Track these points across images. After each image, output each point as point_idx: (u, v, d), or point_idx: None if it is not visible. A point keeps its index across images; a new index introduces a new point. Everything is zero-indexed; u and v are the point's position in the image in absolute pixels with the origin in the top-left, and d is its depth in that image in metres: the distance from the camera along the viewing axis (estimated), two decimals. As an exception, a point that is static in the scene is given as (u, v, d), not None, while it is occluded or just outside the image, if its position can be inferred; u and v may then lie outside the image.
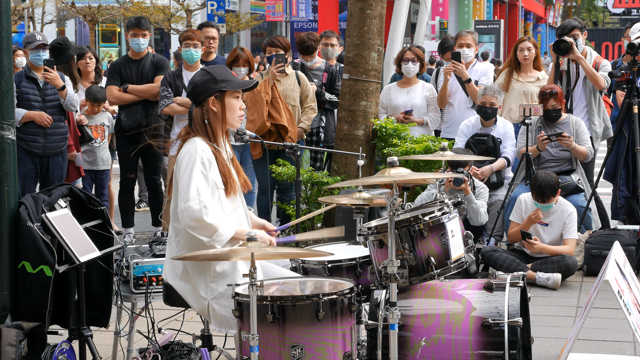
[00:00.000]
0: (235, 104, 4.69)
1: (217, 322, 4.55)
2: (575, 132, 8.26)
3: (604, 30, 43.02)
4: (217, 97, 4.64)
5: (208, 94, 4.63)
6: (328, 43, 10.14)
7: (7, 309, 4.80)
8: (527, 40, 9.20)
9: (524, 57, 8.97)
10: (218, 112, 4.66)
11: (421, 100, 9.13)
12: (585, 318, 4.82)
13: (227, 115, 4.67)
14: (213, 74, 4.65)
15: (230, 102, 4.68)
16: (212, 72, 4.67)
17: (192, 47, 8.45)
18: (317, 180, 8.57)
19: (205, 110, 4.64)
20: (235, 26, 31.22)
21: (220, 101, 4.65)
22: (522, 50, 9.00)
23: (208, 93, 4.63)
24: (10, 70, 4.91)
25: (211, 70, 4.69)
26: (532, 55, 9.00)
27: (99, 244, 5.07)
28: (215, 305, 4.52)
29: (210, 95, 4.63)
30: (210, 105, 4.64)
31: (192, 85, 4.68)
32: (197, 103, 4.66)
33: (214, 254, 4.25)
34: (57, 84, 8.07)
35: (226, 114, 4.67)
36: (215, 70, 4.69)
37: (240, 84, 4.72)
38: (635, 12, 45.05)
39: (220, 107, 4.65)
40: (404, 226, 4.42)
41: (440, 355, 4.35)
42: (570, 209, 7.54)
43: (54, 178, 8.18)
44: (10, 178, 4.87)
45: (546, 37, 57.61)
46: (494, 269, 7.42)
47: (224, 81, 4.64)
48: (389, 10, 12.10)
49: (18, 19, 28.90)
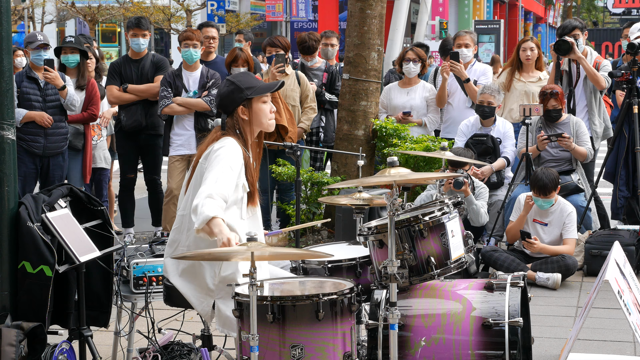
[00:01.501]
0: (264, 108, 4.68)
1: (220, 322, 4.55)
2: (575, 132, 8.26)
3: (604, 30, 43.05)
4: (245, 105, 4.64)
5: (236, 104, 4.62)
6: (328, 43, 10.15)
7: (7, 309, 4.79)
8: (530, 40, 9.20)
9: (526, 57, 8.98)
10: (249, 119, 4.65)
11: (421, 100, 9.13)
12: (585, 318, 4.82)
13: (257, 120, 4.67)
14: (237, 83, 4.63)
15: (259, 107, 4.66)
16: (236, 80, 4.65)
17: (192, 47, 8.45)
18: (317, 180, 8.57)
19: (236, 120, 4.63)
20: (235, 26, 31.21)
21: (249, 109, 4.65)
22: (524, 50, 9.00)
23: (236, 103, 4.62)
24: (10, 70, 4.91)
25: (234, 79, 4.68)
26: (534, 56, 9.01)
27: (99, 244, 5.07)
28: (221, 305, 4.52)
29: (238, 105, 4.62)
30: (240, 114, 4.63)
31: (219, 98, 4.68)
32: (228, 113, 4.65)
33: (213, 254, 4.25)
34: (57, 84, 8.07)
35: (256, 119, 4.67)
36: (240, 79, 4.67)
37: (266, 88, 4.70)
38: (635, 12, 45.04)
39: (249, 114, 4.65)
40: (404, 226, 4.42)
41: (441, 355, 4.35)
42: (569, 209, 7.54)
43: (54, 178, 8.18)
44: (10, 178, 4.87)
45: (546, 37, 57.60)
46: (494, 269, 7.42)
47: (249, 88, 4.62)
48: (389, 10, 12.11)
49: (18, 19, 28.91)
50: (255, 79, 4.74)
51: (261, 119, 4.68)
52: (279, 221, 9.20)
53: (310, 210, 8.70)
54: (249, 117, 4.65)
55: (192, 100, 8.38)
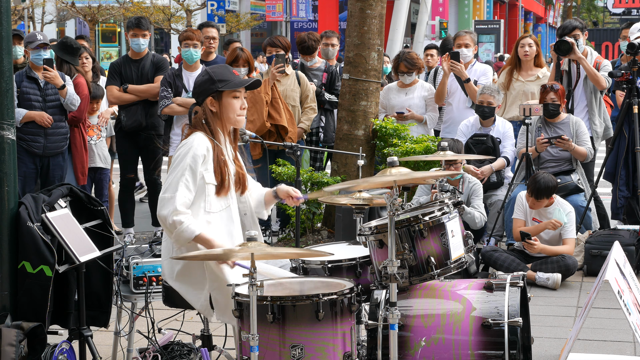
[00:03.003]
0: (234, 103, 4.70)
1: (219, 313, 4.55)
2: (575, 132, 8.25)
3: (604, 30, 42.99)
4: (215, 97, 4.68)
5: (206, 94, 4.68)
6: (328, 43, 10.15)
7: (7, 309, 4.79)
8: (529, 37, 9.20)
9: (524, 53, 8.97)
10: (217, 112, 4.69)
11: (419, 100, 9.13)
12: (585, 318, 4.82)
13: (225, 114, 4.70)
14: (211, 74, 4.69)
15: (229, 102, 4.69)
16: (211, 72, 4.71)
17: (192, 47, 8.45)
18: (317, 180, 8.57)
19: (204, 110, 4.69)
20: (235, 26, 31.22)
21: (218, 101, 4.68)
22: (522, 47, 8.99)
23: (206, 93, 4.68)
24: (11, 70, 4.91)
25: (210, 70, 4.73)
26: (532, 52, 9.00)
27: (99, 244, 5.07)
28: (217, 295, 4.52)
29: (208, 96, 4.68)
30: (209, 105, 4.68)
31: (194, 86, 4.78)
32: (198, 103, 4.73)
33: (213, 254, 4.25)
34: (57, 83, 8.07)
35: (225, 113, 4.69)
36: (215, 70, 4.72)
37: (238, 83, 4.72)
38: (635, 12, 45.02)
39: (218, 107, 4.69)
40: (404, 226, 4.42)
41: (440, 355, 4.35)
42: (568, 209, 7.54)
43: (54, 178, 8.17)
44: (10, 178, 4.87)
45: (546, 37, 57.60)
46: (494, 269, 7.42)
47: (222, 81, 4.67)
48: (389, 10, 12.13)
49: (18, 19, 28.89)
50: (231, 73, 4.77)
51: (229, 114, 4.70)
52: (279, 221, 9.20)
53: (310, 210, 8.70)
54: (217, 110, 4.69)
55: (192, 100, 8.37)
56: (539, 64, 9.10)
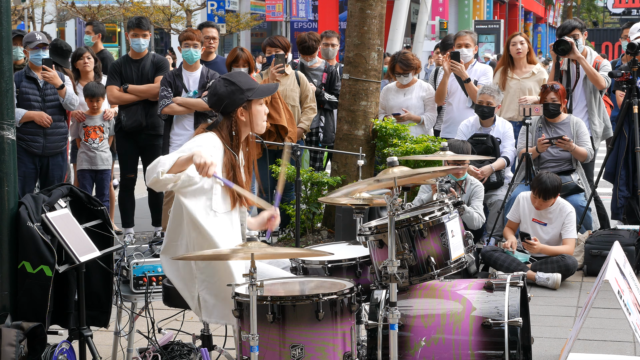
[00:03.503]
0: (261, 110, 4.66)
1: (207, 313, 4.54)
2: (575, 132, 8.25)
3: (604, 30, 43.00)
4: (245, 107, 4.60)
5: (236, 105, 4.58)
6: (328, 43, 10.14)
7: (7, 309, 4.79)
8: (519, 34, 9.20)
9: (517, 50, 8.97)
10: (246, 121, 4.62)
11: (417, 100, 9.13)
12: (585, 318, 4.82)
13: (255, 122, 4.64)
14: (238, 84, 4.58)
15: (257, 110, 4.64)
16: (236, 81, 4.59)
17: (192, 47, 8.44)
18: (317, 180, 8.57)
19: (234, 122, 4.59)
20: (235, 26, 31.22)
21: (248, 110, 4.61)
22: (514, 45, 8.99)
23: (236, 104, 4.57)
24: (10, 70, 4.92)
25: (234, 79, 4.61)
26: (525, 49, 9.00)
27: (99, 244, 5.07)
28: (205, 295, 4.51)
29: (239, 106, 4.58)
30: (239, 116, 4.59)
31: (217, 97, 4.59)
32: (225, 114, 4.60)
33: (213, 254, 4.25)
34: (56, 83, 8.07)
35: (254, 121, 4.63)
36: (239, 79, 4.61)
37: (266, 91, 4.70)
38: (635, 12, 45.03)
39: (248, 116, 4.61)
40: (404, 226, 4.42)
41: (440, 355, 4.35)
42: (568, 209, 7.54)
43: (54, 178, 8.17)
44: (10, 178, 4.87)
45: (546, 37, 57.62)
46: (494, 269, 7.42)
47: (250, 90, 4.58)
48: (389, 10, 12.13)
49: (18, 19, 28.88)
50: (253, 80, 4.71)
51: (257, 121, 4.64)
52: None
53: (310, 210, 8.70)
54: (247, 119, 4.62)
55: (192, 100, 8.37)
56: (532, 60, 9.09)
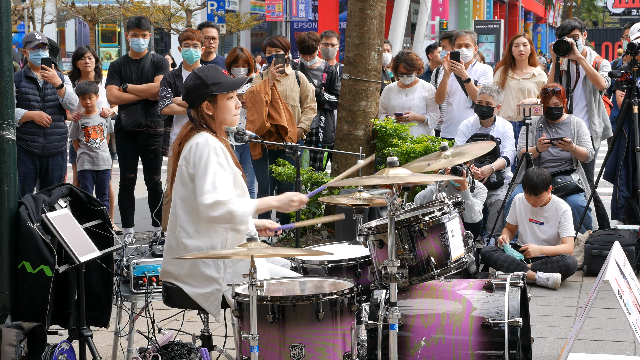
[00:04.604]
0: (229, 104, 4.66)
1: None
2: (576, 132, 8.25)
3: (604, 30, 43.04)
4: (210, 101, 4.63)
5: (201, 99, 4.61)
6: (328, 43, 10.14)
7: (7, 309, 4.79)
8: (522, 36, 9.20)
9: (519, 52, 8.97)
10: (213, 115, 4.64)
11: (419, 100, 9.12)
12: (585, 318, 4.82)
13: (222, 117, 4.65)
14: (204, 78, 4.61)
15: (224, 104, 4.65)
16: (203, 75, 4.63)
17: (192, 47, 8.45)
18: (317, 180, 8.57)
19: (201, 115, 4.64)
20: (235, 26, 31.24)
21: (213, 104, 4.64)
22: (517, 46, 8.99)
23: (201, 98, 4.61)
24: (10, 70, 4.92)
25: (202, 73, 4.65)
26: (527, 51, 9.00)
27: (99, 244, 5.07)
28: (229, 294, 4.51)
29: (203, 100, 4.61)
30: (205, 110, 4.63)
31: (185, 90, 4.67)
32: (192, 107, 4.66)
33: (214, 254, 4.25)
34: (55, 82, 8.07)
35: (221, 115, 4.65)
36: (206, 73, 4.64)
37: (232, 85, 4.67)
38: (635, 12, 45.06)
39: (214, 110, 4.64)
40: (404, 226, 4.42)
41: (440, 355, 4.35)
42: (564, 207, 7.54)
43: (54, 178, 8.17)
44: (10, 178, 4.87)
45: (546, 37, 57.63)
46: (494, 269, 7.42)
47: (215, 84, 4.61)
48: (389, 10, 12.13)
49: (18, 19, 28.92)
50: (222, 74, 4.71)
51: (225, 115, 4.66)
52: (279, 221, 9.18)
53: (310, 210, 8.70)
54: (213, 113, 4.64)
55: (192, 101, 8.37)
56: (533, 62, 9.10)
